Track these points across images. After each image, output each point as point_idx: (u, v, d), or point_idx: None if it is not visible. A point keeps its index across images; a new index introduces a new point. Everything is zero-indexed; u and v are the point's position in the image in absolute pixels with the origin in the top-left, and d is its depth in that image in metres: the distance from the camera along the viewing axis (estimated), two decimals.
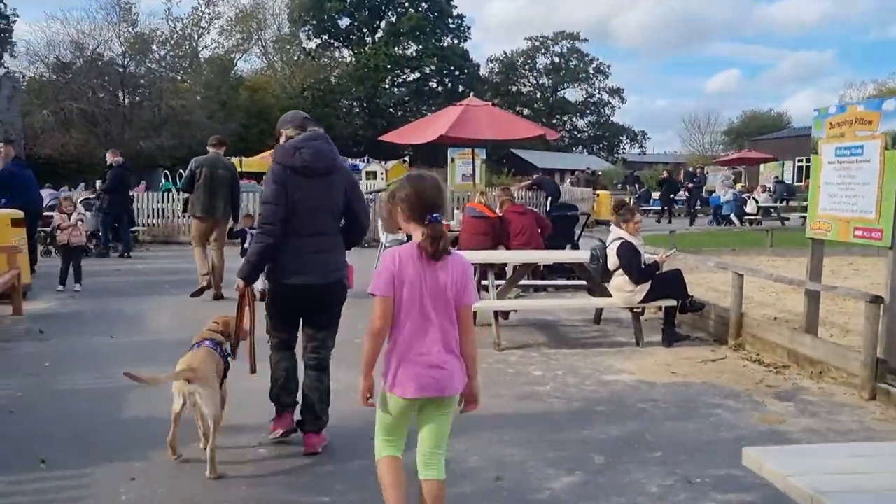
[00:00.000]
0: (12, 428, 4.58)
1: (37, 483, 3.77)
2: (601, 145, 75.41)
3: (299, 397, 4.30)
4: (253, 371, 4.18)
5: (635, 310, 7.05)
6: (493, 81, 66.98)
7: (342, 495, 3.66)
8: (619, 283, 6.89)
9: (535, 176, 21.76)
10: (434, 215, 2.79)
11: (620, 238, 6.83)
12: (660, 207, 25.83)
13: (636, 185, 32.98)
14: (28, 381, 5.57)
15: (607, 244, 6.98)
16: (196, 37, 53.15)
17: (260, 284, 4.73)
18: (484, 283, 7.71)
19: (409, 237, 3.01)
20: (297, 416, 4.31)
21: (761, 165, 40.97)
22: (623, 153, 74.48)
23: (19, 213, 9.25)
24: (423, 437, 2.92)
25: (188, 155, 29.43)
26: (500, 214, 9.88)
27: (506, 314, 7.61)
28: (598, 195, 23.87)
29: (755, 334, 6.68)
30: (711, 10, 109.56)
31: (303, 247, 4.00)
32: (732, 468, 3.96)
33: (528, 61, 71.66)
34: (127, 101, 28.49)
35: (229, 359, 4.28)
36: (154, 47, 36.27)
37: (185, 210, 10.83)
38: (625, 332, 7.52)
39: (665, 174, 27.95)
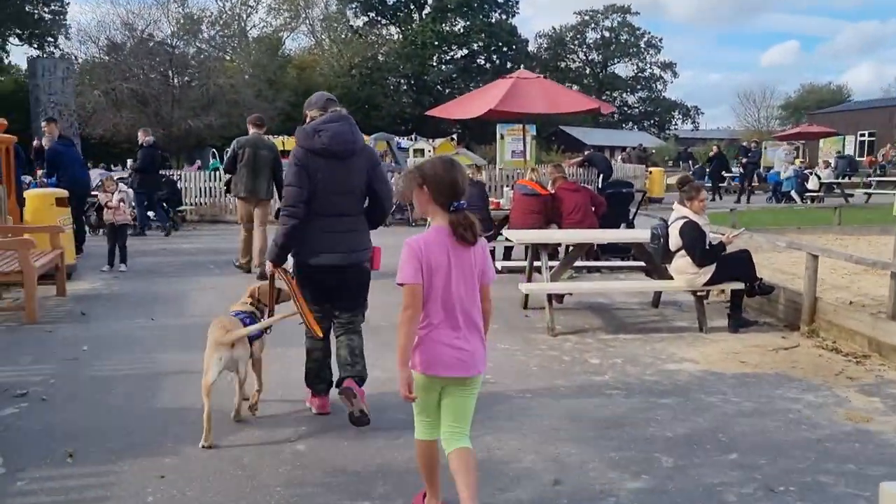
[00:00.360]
0: (44, 417, 4.38)
1: (61, 480, 3.54)
2: (652, 121, 73.86)
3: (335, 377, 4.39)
4: (319, 335, 4.21)
5: (699, 293, 6.59)
6: (542, 57, 65.95)
7: (386, 500, 3.35)
8: (682, 264, 6.43)
9: (586, 152, 21.12)
10: (461, 203, 2.84)
11: (684, 217, 6.37)
12: (710, 185, 24.83)
13: (689, 162, 32.00)
14: (64, 367, 5.39)
15: (669, 223, 6.53)
16: (244, 16, 53.62)
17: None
18: (536, 264, 7.32)
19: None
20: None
21: (821, 140, 39.52)
22: (675, 129, 72.91)
23: (64, 193, 9.15)
24: (445, 414, 2.96)
25: (236, 134, 29.50)
26: (552, 192, 9.45)
27: (560, 297, 7.21)
28: (650, 172, 23.14)
29: (831, 320, 6.18)
30: None
31: (325, 227, 4.08)
32: (819, 474, 3.55)
33: (578, 36, 70.37)
34: (176, 80, 28.55)
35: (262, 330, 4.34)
36: (203, 27, 36.45)
37: (227, 191, 10.77)
38: (685, 316, 7.08)
39: (715, 149, 26.63)
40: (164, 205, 15.24)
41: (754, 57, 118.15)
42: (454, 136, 38.75)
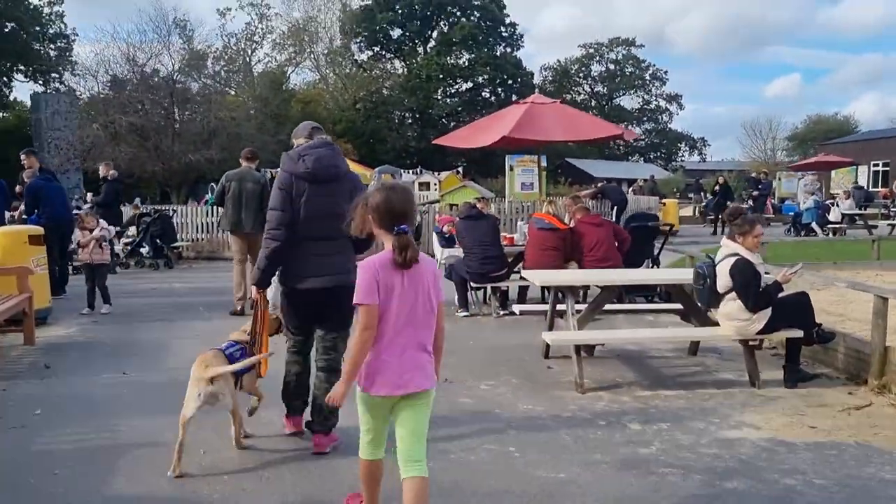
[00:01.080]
0: None
1: None
2: (659, 153, 73.39)
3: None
4: (262, 375, 4.46)
5: (750, 342, 5.74)
6: (547, 90, 65.56)
7: None
8: (732, 309, 5.58)
9: (598, 184, 20.36)
10: (401, 226, 2.91)
11: (735, 254, 5.53)
12: (713, 216, 23.81)
13: (701, 194, 31.17)
14: (7, 438, 4.55)
15: (717, 261, 5.69)
16: (249, 51, 53.57)
17: (270, 294, 4.61)
18: (560, 307, 6.48)
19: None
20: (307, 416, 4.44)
21: (832, 171, 38.79)
22: (682, 161, 72.47)
23: (38, 230, 8.40)
24: (401, 435, 2.99)
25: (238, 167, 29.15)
26: (571, 226, 8.67)
27: (591, 349, 6.33)
28: (664, 204, 22.38)
29: None
30: (770, 15, 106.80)
31: (309, 251, 4.14)
32: None
33: (583, 69, 70.27)
34: (177, 114, 28.02)
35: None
36: (209, 63, 36.12)
37: (218, 225, 10.27)
38: (730, 366, 6.22)
39: (721, 180, 25.48)
40: (158, 241, 14.48)
41: (758, 89, 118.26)
42: (459, 170, 38.19)
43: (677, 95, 72.49)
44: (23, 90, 60.98)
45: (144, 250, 14.47)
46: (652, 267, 9.60)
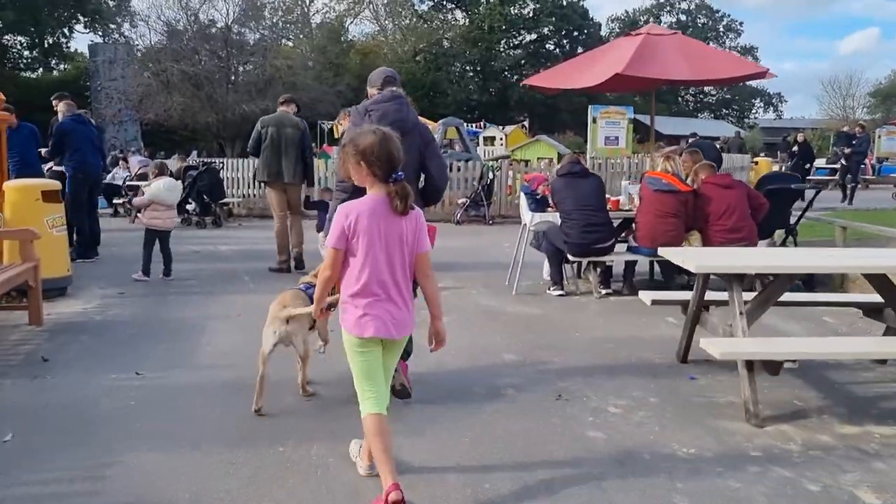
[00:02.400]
0: None
1: None
2: (731, 110, 69.77)
3: None
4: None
5: None
6: None
7: None
8: None
9: (690, 139, 18.32)
10: (399, 174, 2.90)
11: None
12: (840, 181, 20.72)
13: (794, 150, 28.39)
14: None
15: None
16: (307, 1, 52.03)
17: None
18: (715, 295, 4.85)
19: None
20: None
21: None
22: (755, 118, 68.87)
23: (54, 184, 7.09)
24: None
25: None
26: (695, 188, 6.99)
27: (776, 366, 4.42)
28: (756, 163, 20.24)
29: None
30: None
31: None
32: None
33: (653, 19, 66.66)
34: (232, 62, 26.64)
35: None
36: (266, 14, 34.71)
37: (255, 177, 10.26)
38: None
39: (801, 137, 21.24)
40: (205, 197, 13.21)
41: (831, 46, 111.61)
42: (525, 124, 36.33)
43: (752, 48, 68.35)
44: (83, 41, 60.69)
45: (190, 207, 13.25)
46: (787, 239, 7.86)
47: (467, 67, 52.34)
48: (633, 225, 7.24)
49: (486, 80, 51.16)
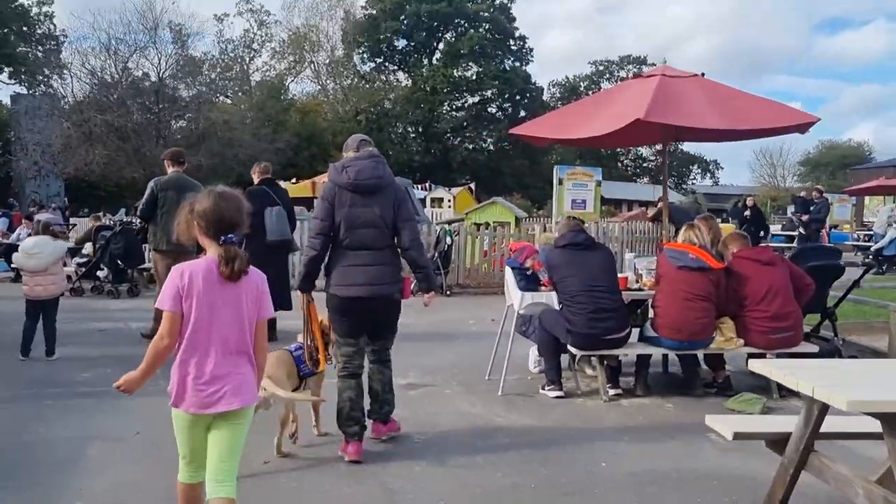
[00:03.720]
0: None
1: None
2: (670, 175, 70.74)
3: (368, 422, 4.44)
4: (322, 369, 4.44)
5: None
6: (555, 107, 63.29)
7: None
8: None
9: (658, 203, 17.17)
10: (229, 236, 2.80)
11: None
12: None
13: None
14: None
15: None
16: (247, 59, 50.70)
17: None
18: (826, 428, 3.39)
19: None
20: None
21: (867, 198, 35.92)
22: (693, 184, 69.99)
23: None
24: (210, 451, 2.83)
25: (229, 177, 25.81)
26: (725, 264, 5.65)
27: None
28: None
29: None
30: (771, 43, 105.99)
31: (349, 259, 4.21)
32: None
33: (592, 86, 67.50)
34: (163, 114, 24.84)
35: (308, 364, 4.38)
36: (205, 70, 33.20)
37: (143, 241, 9.36)
38: None
39: (750, 201, 20.02)
40: (119, 262, 11.36)
41: None
42: (471, 186, 35.33)
43: None
44: (6, 91, 57.85)
45: (102, 273, 11.37)
46: (822, 323, 6.56)
47: (409, 128, 51.66)
48: (651, 310, 5.81)
49: (428, 141, 50.50)
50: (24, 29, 35.00)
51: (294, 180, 22.60)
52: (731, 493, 3.88)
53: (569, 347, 5.74)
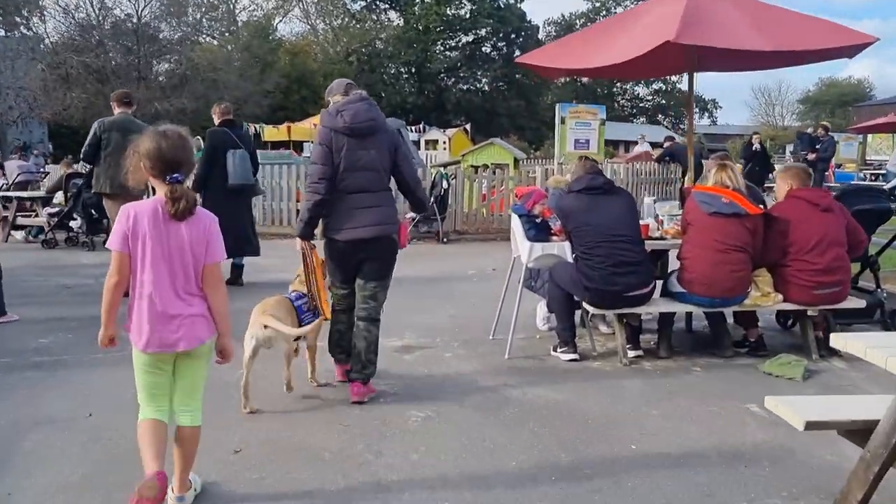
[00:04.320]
0: None
1: None
2: (666, 115, 69.48)
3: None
4: (327, 317, 4.35)
5: None
6: None
7: None
8: None
9: (665, 143, 16.38)
10: (175, 175, 2.78)
11: None
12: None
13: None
14: None
15: None
16: None
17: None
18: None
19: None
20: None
21: (869, 137, 34.99)
22: None
23: None
24: (175, 389, 2.93)
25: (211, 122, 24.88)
26: (765, 209, 4.99)
27: None
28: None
29: None
30: None
31: (349, 202, 4.20)
32: None
33: (589, 23, 65.84)
34: (142, 54, 23.68)
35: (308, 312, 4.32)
36: (189, 10, 31.79)
37: (88, 186, 8.97)
38: None
39: (756, 141, 18.96)
40: (94, 212, 10.61)
41: None
42: (466, 128, 34.37)
43: None
44: None
45: (75, 224, 10.65)
46: (862, 272, 5.92)
47: (402, 69, 50.26)
48: (679, 262, 5.13)
49: (421, 82, 49.26)
50: None
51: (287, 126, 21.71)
52: (788, 481, 3.27)
53: (584, 305, 5.10)
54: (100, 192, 7.59)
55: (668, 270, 5.57)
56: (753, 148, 18.35)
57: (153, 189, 2.94)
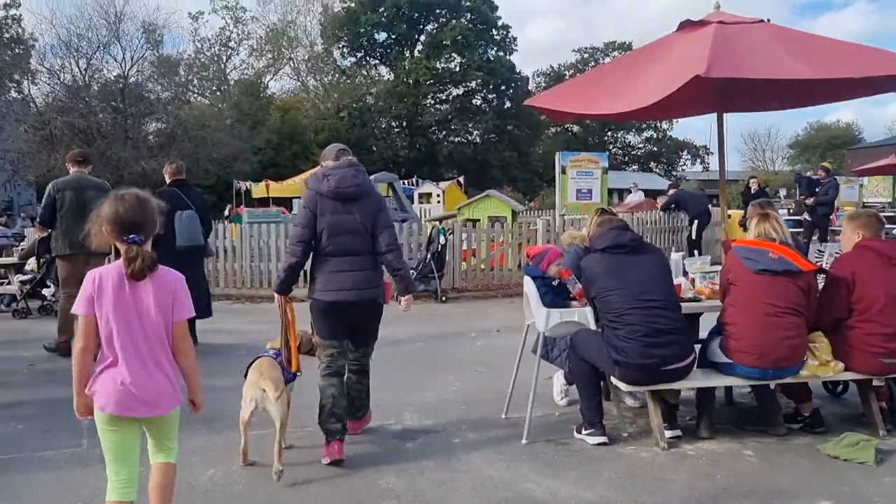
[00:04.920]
0: None
1: None
2: (658, 162, 69.55)
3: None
4: (297, 369, 4.41)
5: None
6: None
7: None
8: None
9: (670, 190, 15.69)
10: (131, 236, 2.82)
11: None
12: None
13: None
14: None
15: None
16: (224, 58, 48.94)
17: None
18: None
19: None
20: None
21: (864, 179, 34.71)
22: (683, 170, 68.90)
23: None
24: (148, 437, 2.94)
25: (205, 178, 24.26)
26: (821, 265, 4.35)
27: None
28: (729, 215, 17.97)
29: None
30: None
31: (332, 265, 4.28)
32: None
33: (578, 73, 66.39)
34: (129, 113, 23.21)
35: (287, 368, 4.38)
36: (181, 70, 31.60)
37: (46, 251, 8.58)
38: None
39: (754, 184, 18.45)
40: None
41: None
42: (460, 180, 34.03)
43: None
44: None
45: (48, 291, 9.95)
46: None
47: (393, 123, 50.24)
48: (721, 326, 4.45)
49: (413, 135, 49.16)
50: None
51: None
52: None
53: (613, 381, 4.41)
54: (59, 255, 7.32)
55: (704, 336, 4.91)
56: (752, 191, 17.73)
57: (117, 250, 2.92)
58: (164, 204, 2.98)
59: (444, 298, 10.91)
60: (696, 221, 13.42)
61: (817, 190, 17.08)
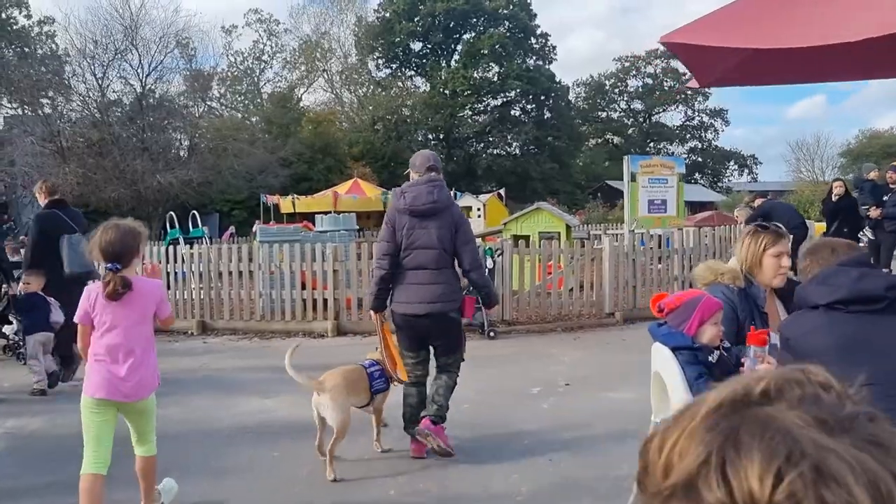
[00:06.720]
0: None
1: None
2: (703, 174, 66.92)
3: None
4: (401, 381, 4.67)
5: None
6: (581, 107, 60.16)
7: None
8: None
9: (758, 200, 13.01)
10: (109, 265, 3.39)
11: None
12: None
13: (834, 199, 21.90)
14: None
15: None
16: (258, 71, 47.85)
17: None
18: None
19: None
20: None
21: None
22: (729, 181, 66.32)
23: None
24: (131, 430, 3.60)
25: (223, 192, 22.64)
26: None
27: None
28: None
29: None
30: None
31: (409, 278, 4.56)
32: None
33: (619, 84, 64.25)
34: (145, 124, 21.72)
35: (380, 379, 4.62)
36: (214, 85, 30.30)
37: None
38: None
39: (840, 188, 13.49)
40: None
41: (780, 111, 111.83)
42: (501, 193, 32.12)
43: (722, 110, 66.41)
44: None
45: (10, 328, 8.17)
46: None
47: (430, 135, 48.61)
48: None
49: (450, 148, 47.43)
50: (25, 49, 32.36)
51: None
52: None
53: None
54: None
55: None
56: (834, 198, 13.34)
57: None
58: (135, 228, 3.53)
59: (491, 334, 8.93)
60: (790, 238, 11.25)
61: (885, 198, 12.74)
